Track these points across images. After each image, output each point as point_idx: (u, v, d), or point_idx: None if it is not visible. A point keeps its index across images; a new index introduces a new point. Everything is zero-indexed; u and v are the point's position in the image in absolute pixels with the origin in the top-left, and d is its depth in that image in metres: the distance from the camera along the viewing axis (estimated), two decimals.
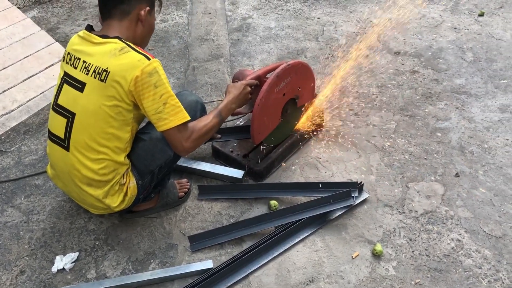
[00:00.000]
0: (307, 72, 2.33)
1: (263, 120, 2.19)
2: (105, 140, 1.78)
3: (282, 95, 2.23)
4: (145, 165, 1.92)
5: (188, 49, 3.47)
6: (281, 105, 2.27)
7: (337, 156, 2.45)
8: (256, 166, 2.29)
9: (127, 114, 1.77)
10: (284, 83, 2.19)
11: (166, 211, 2.19)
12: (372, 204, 2.17)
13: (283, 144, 2.40)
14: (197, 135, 1.84)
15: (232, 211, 2.18)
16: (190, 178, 2.34)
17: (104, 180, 1.84)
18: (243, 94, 2.08)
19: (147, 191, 2.01)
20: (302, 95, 2.36)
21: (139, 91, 1.70)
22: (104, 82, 1.71)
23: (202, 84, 3.09)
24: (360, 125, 2.65)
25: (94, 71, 1.73)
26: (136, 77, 1.68)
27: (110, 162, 1.82)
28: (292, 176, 2.34)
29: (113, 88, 1.71)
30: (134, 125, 1.84)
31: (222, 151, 2.39)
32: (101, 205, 1.91)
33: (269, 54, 3.37)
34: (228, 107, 2.02)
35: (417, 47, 3.32)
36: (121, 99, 1.72)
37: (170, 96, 1.73)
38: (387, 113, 2.74)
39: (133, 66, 1.69)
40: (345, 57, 3.24)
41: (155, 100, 1.71)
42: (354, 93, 2.90)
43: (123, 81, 1.69)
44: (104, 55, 1.72)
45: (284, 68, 2.16)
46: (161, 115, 1.72)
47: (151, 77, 1.69)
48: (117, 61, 1.70)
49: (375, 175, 2.33)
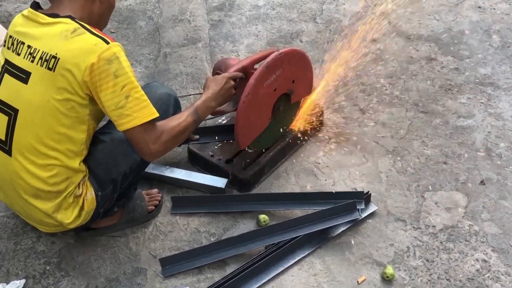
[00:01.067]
0: (303, 61, 2.35)
1: (249, 120, 2.20)
2: (55, 141, 1.78)
3: (273, 90, 2.24)
4: (105, 172, 1.92)
5: (158, 32, 3.47)
6: (271, 101, 2.28)
7: (339, 160, 2.47)
8: (241, 173, 2.29)
9: (81, 110, 1.77)
10: (275, 75, 2.21)
11: (133, 228, 2.18)
12: (382, 218, 2.19)
13: (275, 147, 2.41)
14: (168, 136, 1.84)
15: (212, 227, 2.18)
16: (162, 188, 2.33)
17: (55, 190, 1.83)
18: (225, 89, 2.09)
19: (108, 203, 2.01)
20: (297, 89, 2.37)
21: (95, 81, 1.69)
22: (53, 71, 1.70)
23: (176, 74, 3.09)
24: (367, 123, 2.68)
25: (41, 57, 1.72)
26: (91, 65, 1.67)
27: (62, 168, 1.81)
28: (285, 185, 2.35)
29: (63, 78, 1.70)
30: (91, 124, 1.83)
31: (201, 155, 2.39)
32: (52, 222, 1.90)
33: (257, 38, 3.38)
34: (206, 105, 2.02)
35: (434, 30, 3.36)
36: (73, 91, 1.72)
37: (134, 88, 1.73)
38: (399, 109, 2.77)
39: (88, 51, 1.68)
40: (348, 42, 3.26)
41: (115, 93, 1.71)
42: (359, 85, 2.93)
43: (75, 69, 1.69)
44: (53, 38, 1.72)
45: (275, 58, 2.17)
46: (122, 110, 1.72)
47: (110, 65, 1.69)
48: (68, 45, 1.70)
49: (385, 184, 2.35)
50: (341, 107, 2.77)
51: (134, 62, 3.21)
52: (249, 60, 2.24)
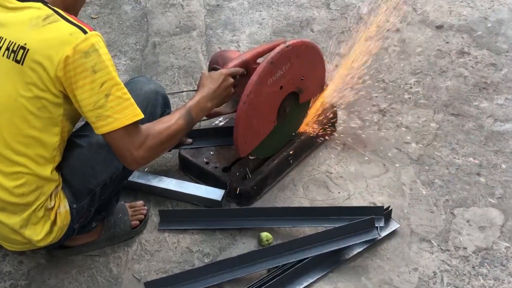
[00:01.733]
0: (314, 55, 2.35)
1: (251, 123, 2.19)
2: (23, 146, 1.77)
3: (279, 88, 2.24)
4: (82, 182, 1.92)
5: (146, 18, 3.48)
6: (277, 102, 2.28)
7: (356, 170, 2.46)
8: (241, 184, 2.29)
9: (54, 110, 1.76)
10: (281, 71, 2.20)
11: (114, 246, 2.18)
12: (404, 238, 2.18)
13: (280, 153, 2.41)
14: (154, 141, 1.83)
15: (207, 247, 2.18)
16: (148, 200, 2.33)
17: (23, 202, 1.83)
18: (223, 88, 2.08)
19: (85, 218, 2.00)
20: (306, 87, 2.37)
21: (70, 77, 1.69)
22: (21, 64, 1.70)
23: (166, 67, 3.09)
24: (388, 127, 2.67)
25: (7, 48, 1.72)
26: (66, 58, 1.67)
27: (31, 177, 1.81)
28: (292, 198, 2.35)
29: (33, 73, 1.70)
30: (65, 125, 1.83)
31: (194, 163, 2.39)
32: (19, 238, 1.89)
33: (261, 26, 3.38)
34: (201, 105, 2.01)
35: (467, 19, 3.36)
36: (45, 88, 1.71)
37: (116, 85, 1.73)
38: (426, 110, 2.76)
39: (63, 42, 1.68)
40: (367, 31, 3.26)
41: (93, 90, 1.70)
42: (379, 82, 2.92)
43: (47, 62, 1.68)
44: (22, 26, 1.72)
45: (281, 51, 2.17)
46: (101, 111, 1.71)
47: (88, 58, 1.69)
48: (39, 34, 1.69)
49: (409, 198, 2.34)
50: (358, 107, 2.76)
51: (118, 53, 3.22)
52: (251, 53, 2.23)
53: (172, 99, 2.81)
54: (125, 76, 3.03)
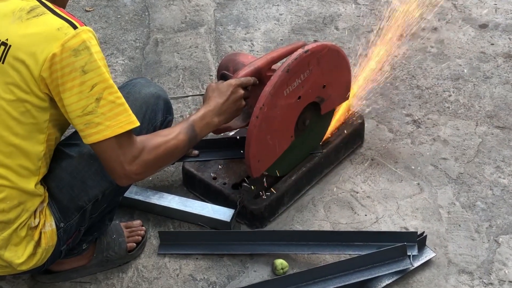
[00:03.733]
0: (338, 59, 2.35)
1: (265, 140, 2.20)
2: (4, 155, 1.78)
3: (297, 98, 2.24)
4: (71, 197, 1.92)
5: (148, 12, 3.51)
6: (294, 114, 2.28)
7: (385, 189, 2.46)
8: (253, 203, 2.29)
9: (39, 115, 1.77)
10: (299, 80, 2.21)
11: (106, 272, 2.18)
12: (441, 269, 2.17)
13: (298, 168, 2.41)
14: (150, 156, 1.82)
15: (213, 275, 2.18)
16: (147, 220, 2.34)
17: (3, 220, 1.83)
18: (232, 101, 2.07)
19: (73, 239, 2.00)
20: (329, 96, 2.37)
21: (56, 78, 1.69)
22: (2, 62, 1.71)
23: (170, 68, 3.11)
24: (423, 140, 2.66)
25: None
26: (52, 56, 1.67)
27: (12, 191, 1.81)
28: (311, 221, 2.34)
29: (15, 72, 1.71)
30: (52, 133, 1.83)
31: (200, 178, 2.39)
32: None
33: (278, 22, 3.40)
34: (206, 120, 2.01)
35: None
36: (28, 89, 1.72)
37: (108, 88, 1.72)
38: (467, 122, 2.75)
39: (49, 38, 1.69)
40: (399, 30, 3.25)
41: (82, 94, 1.70)
42: (413, 88, 2.91)
43: (31, 61, 1.69)
44: (4, 19, 1.73)
45: (299, 58, 2.17)
46: (91, 117, 1.71)
47: (78, 57, 1.69)
48: (23, 28, 1.71)
49: (446, 223, 2.33)
50: (389, 117, 2.76)
51: (115, 51, 3.24)
52: (265, 59, 2.22)
53: (176, 104, 2.83)
54: (123, 77, 3.05)
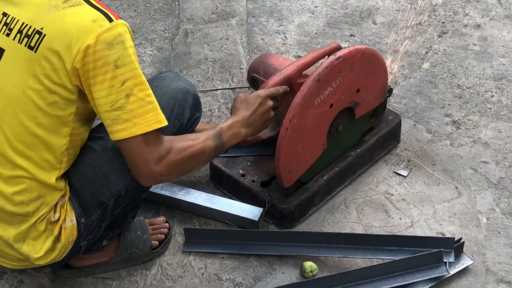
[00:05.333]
0: (373, 63, 2.36)
1: (296, 150, 2.20)
2: (26, 146, 1.79)
3: (329, 106, 2.25)
4: (92, 193, 1.93)
5: (178, 1, 3.51)
6: (327, 122, 2.29)
7: (421, 192, 2.45)
8: (283, 202, 2.29)
9: (66, 107, 1.78)
10: (330, 88, 2.21)
11: (130, 269, 2.19)
12: (478, 278, 2.16)
13: (330, 169, 2.41)
14: (177, 157, 1.84)
15: (239, 275, 2.18)
16: (172, 216, 2.35)
17: (21, 212, 1.84)
18: (260, 113, 2.09)
19: (94, 234, 2.01)
20: (364, 99, 2.37)
21: (88, 70, 1.70)
22: (35, 51, 1.72)
23: (199, 60, 3.11)
24: (463, 142, 2.65)
25: (20, 30, 1.75)
26: (86, 47, 1.68)
27: (33, 183, 1.82)
28: (343, 223, 2.35)
29: (47, 62, 1.72)
30: (76, 127, 1.84)
31: (228, 174, 2.40)
32: (15, 254, 1.90)
33: (313, 15, 3.39)
34: (233, 130, 2.02)
35: None
36: (59, 81, 1.73)
37: (139, 84, 1.74)
38: (509, 124, 2.73)
39: (84, 29, 1.70)
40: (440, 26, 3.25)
41: (112, 88, 1.71)
42: (454, 87, 2.91)
43: (65, 51, 1.70)
44: (39, 7, 1.74)
45: (330, 66, 2.17)
46: (119, 113, 1.73)
47: (112, 50, 1.70)
48: (59, 18, 1.72)
49: (485, 229, 2.32)
50: (427, 117, 2.76)
51: (143, 41, 3.25)
52: (295, 66, 2.23)
53: (205, 98, 2.84)
54: (151, 68, 3.07)
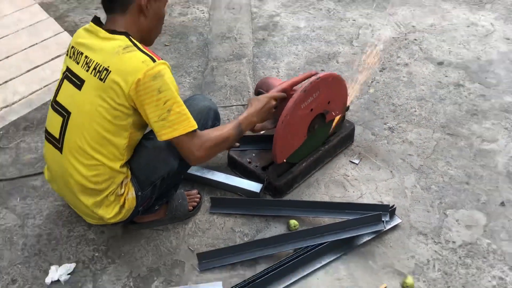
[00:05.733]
0: (339, 84, 2.34)
1: (287, 138, 2.21)
2: (99, 145, 1.81)
3: (309, 110, 2.25)
4: (145, 176, 1.94)
5: (207, 47, 3.51)
6: (307, 121, 2.28)
7: (368, 174, 2.44)
8: (276, 180, 2.29)
9: (125, 119, 1.79)
10: (312, 98, 2.21)
11: (174, 224, 2.20)
12: (405, 231, 2.16)
13: (308, 158, 2.40)
14: (211, 143, 1.88)
15: (246, 228, 2.19)
16: (202, 189, 2.35)
17: (97, 188, 1.87)
18: (267, 108, 2.11)
19: (147, 203, 2.03)
20: (332, 109, 2.37)
21: (140, 95, 1.72)
22: (103, 81, 1.74)
23: (221, 86, 3.12)
24: (395, 141, 2.64)
25: (95, 68, 1.76)
26: (138, 80, 1.70)
27: (105, 169, 1.84)
28: (315, 194, 2.34)
29: (112, 90, 1.73)
30: (133, 132, 1.85)
31: (239, 161, 2.40)
32: (94, 215, 1.94)
33: (297, 57, 3.39)
34: (248, 120, 2.05)
35: (463, 58, 3.30)
36: (120, 102, 1.75)
37: (176, 103, 1.75)
38: (426, 129, 2.72)
39: (136, 68, 1.71)
40: (381, 64, 3.23)
41: (158, 106, 1.73)
42: (390, 105, 2.89)
43: (123, 83, 1.71)
44: (108, 52, 1.75)
45: (313, 83, 2.18)
46: (164, 122, 1.75)
47: (155, 81, 1.71)
48: (119, 60, 1.73)
49: (410, 199, 2.31)
50: (372, 124, 2.74)
51: (184, 73, 3.25)
52: (289, 82, 2.23)
53: (224, 111, 2.84)
54: (189, 91, 3.07)
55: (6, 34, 3.22)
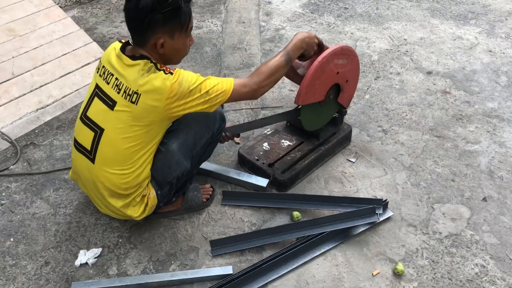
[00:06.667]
0: (357, 74, 2.34)
1: (314, 83, 2.13)
2: (130, 157, 1.82)
3: (336, 73, 2.19)
4: (162, 177, 1.95)
5: (220, 57, 3.51)
6: (331, 81, 2.22)
7: (363, 172, 2.43)
8: (280, 176, 2.29)
9: (159, 129, 1.82)
10: (343, 61, 2.17)
11: (190, 214, 2.21)
12: (396, 223, 2.15)
13: (309, 156, 2.40)
14: (263, 77, 1.88)
15: (254, 218, 2.19)
16: (215, 183, 2.35)
17: (126, 193, 1.88)
18: (312, 38, 2.04)
19: (166, 199, 2.05)
20: (344, 91, 2.32)
21: (180, 104, 1.74)
22: (136, 104, 1.74)
23: None
24: (388, 142, 2.63)
25: (125, 91, 1.76)
26: (169, 94, 1.72)
27: (136, 177, 1.85)
28: (316, 189, 2.33)
29: (145, 110, 1.74)
30: (160, 135, 1.87)
31: (248, 159, 2.40)
32: (122, 214, 1.95)
33: None
34: (297, 46, 1.99)
35: (450, 68, 3.29)
36: (155, 118, 1.76)
37: (204, 82, 1.78)
38: (416, 132, 2.71)
39: (162, 86, 1.72)
40: (375, 73, 3.22)
41: (199, 98, 1.76)
42: (384, 110, 2.88)
43: (156, 102, 1.72)
44: (133, 76, 1.75)
45: (349, 48, 2.17)
46: (210, 100, 1.78)
47: (182, 86, 1.73)
48: (145, 82, 1.72)
49: (401, 194, 2.30)
50: (367, 127, 2.74)
51: None
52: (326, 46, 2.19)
53: (234, 114, 2.84)
54: None
55: (42, 44, 3.25)
